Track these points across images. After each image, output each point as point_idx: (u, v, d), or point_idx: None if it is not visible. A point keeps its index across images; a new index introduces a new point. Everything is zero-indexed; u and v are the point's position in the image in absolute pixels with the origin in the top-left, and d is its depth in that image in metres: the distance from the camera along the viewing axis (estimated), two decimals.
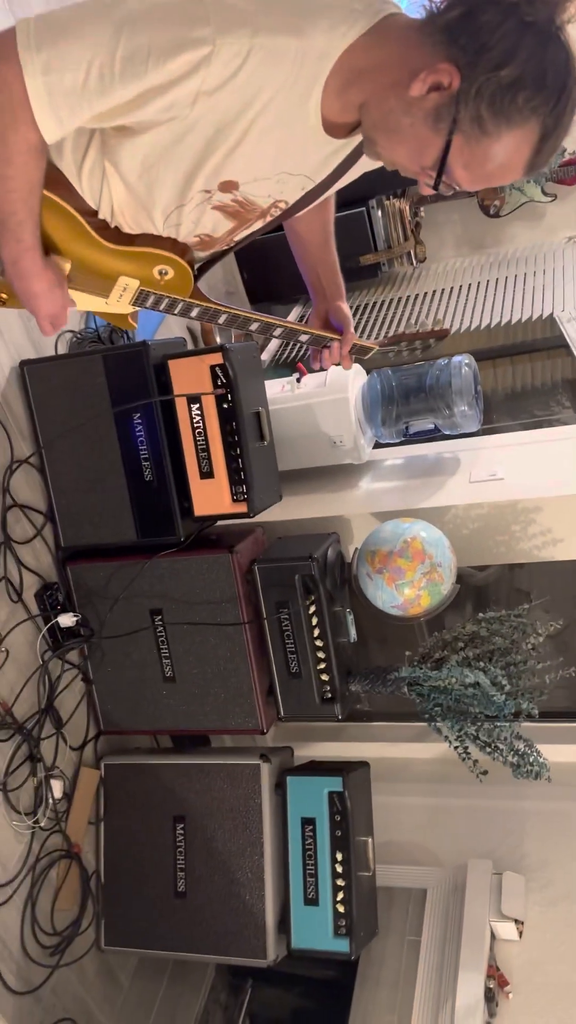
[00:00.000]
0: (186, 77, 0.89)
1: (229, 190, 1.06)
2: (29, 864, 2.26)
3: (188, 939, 2.39)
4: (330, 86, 0.94)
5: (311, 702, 2.36)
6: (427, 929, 2.52)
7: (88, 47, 0.89)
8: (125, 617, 2.45)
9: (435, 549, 2.18)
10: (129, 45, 0.88)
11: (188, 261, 1.20)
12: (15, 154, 0.95)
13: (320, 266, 1.46)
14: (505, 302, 3.58)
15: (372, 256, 3.80)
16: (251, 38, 0.88)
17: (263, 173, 1.05)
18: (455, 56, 0.88)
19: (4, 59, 0.90)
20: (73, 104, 0.92)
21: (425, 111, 0.92)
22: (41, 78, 0.90)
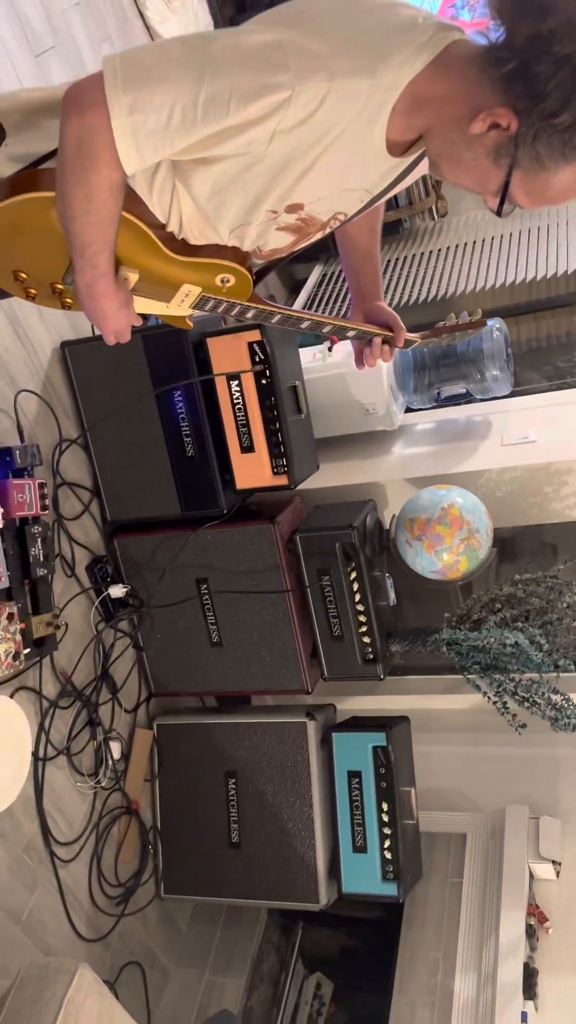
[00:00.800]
0: (265, 119, 0.94)
1: (295, 211, 1.11)
2: (93, 822, 2.40)
3: (244, 886, 2.54)
4: (396, 111, 0.98)
5: (354, 663, 2.46)
6: (468, 871, 2.67)
7: (172, 90, 0.93)
8: (172, 587, 2.55)
9: (472, 515, 2.25)
10: (211, 89, 0.92)
11: (248, 268, 1.25)
12: (96, 192, 1.01)
13: (365, 266, 1.50)
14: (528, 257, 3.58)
15: (393, 212, 3.79)
16: (328, 82, 0.92)
17: (327, 193, 1.10)
18: (512, 101, 0.92)
19: (92, 104, 0.94)
20: (156, 143, 0.97)
21: (486, 147, 0.97)
22: (127, 118, 0.94)
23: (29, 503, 2.10)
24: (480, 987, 2.37)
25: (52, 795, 2.24)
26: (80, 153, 0.97)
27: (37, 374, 2.34)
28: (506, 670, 2.29)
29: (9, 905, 2.06)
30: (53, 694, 2.28)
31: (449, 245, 3.87)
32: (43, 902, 2.18)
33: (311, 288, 3.87)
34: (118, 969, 2.44)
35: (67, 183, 1.01)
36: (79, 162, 0.98)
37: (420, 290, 3.59)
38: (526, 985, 2.28)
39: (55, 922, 2.23)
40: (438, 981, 2.46)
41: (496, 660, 2.27)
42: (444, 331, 1.64)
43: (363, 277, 1.51)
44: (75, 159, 0.98)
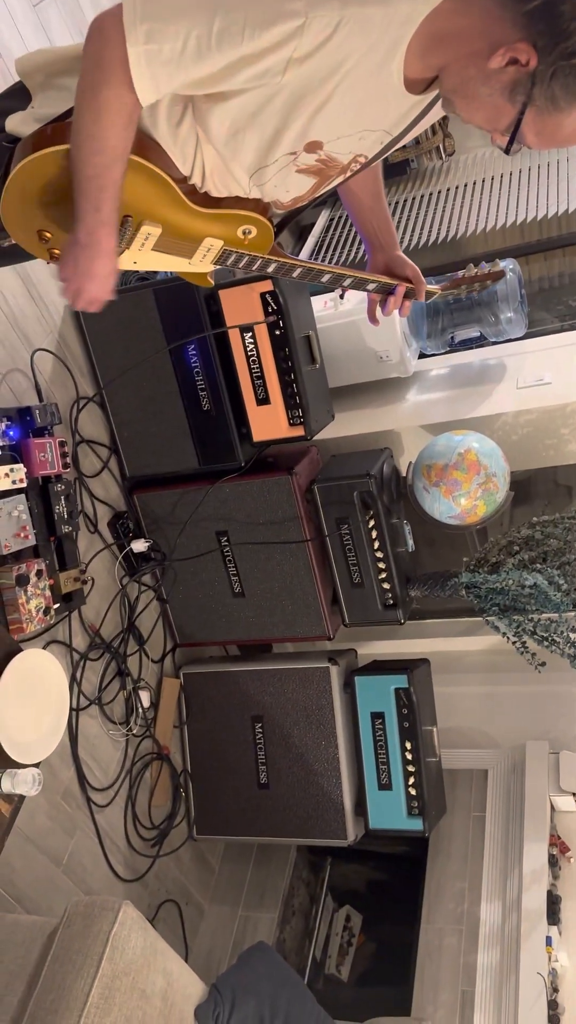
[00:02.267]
0: (279, 47, 0.95)
1: (314, 150, 1.11)
2: (126, 768, 2.48)
3: (274, 825, 2.63)
4: (412, 48, 0.98)
5: (374, 609, 2.51)
6: (490, 805, 2.75)
7: (188, 19, 0.95)
8: (193, 540, 2.58)
9: (489, 460, 2.26)
10: (226, 18, 0.94)
11: (268, 219, 1.25)
12: (105, 111, 1.01)
13: (374, 218, 1.50)
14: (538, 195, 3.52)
15: (400, 152, 3.72)
16: (341, 10, 0.93)
17: (346, 131, 1.09)
18: (533, 37, 0.92)
19: (112, 26, 0.97)
20: (171, 71, 0.99)
21: (502, 83, 0.97)
22: (142, 46, 0.96)
23: (51, 462, 2.13)
24: (505, 914, 2.46)
25: (86, 743, 2.31)
26: (95, 68, 1.00)
27: (51, 332, 2.35)
28: (525, 611, 2.32)
29: (50, 849, 2.15)
30: (83, 647, 2.34)
31: (457, 184, 3.80)
32: (82, 845, 2.27)
33: (318, 234, 3.82)
34: (155, 907, 2.54)
35: (79, 106, 1.02)
36: (93, 79, 1.00)
37: (429, 232, 3.54)
38: (550, 911, 2.37)
39: (94, 864, 2.32)
40: (464, 910, 2.55)
41: (515, 602, 2.31)
42: (463, 282, 1.63)
43: (377, 229, 1.51)
44: (90, 76, 1.00)
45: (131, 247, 1.24)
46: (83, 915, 1.75)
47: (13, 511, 2.00)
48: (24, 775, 1.35)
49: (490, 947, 2.43)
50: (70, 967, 1.68)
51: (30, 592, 2.03)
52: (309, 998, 2.01)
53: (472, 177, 3.84)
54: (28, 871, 2.06)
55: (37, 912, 2.04)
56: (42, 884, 2.10)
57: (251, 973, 2.01)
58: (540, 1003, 2.21)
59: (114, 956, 1.68)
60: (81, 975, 1.65)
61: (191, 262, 1.31)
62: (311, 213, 4.16)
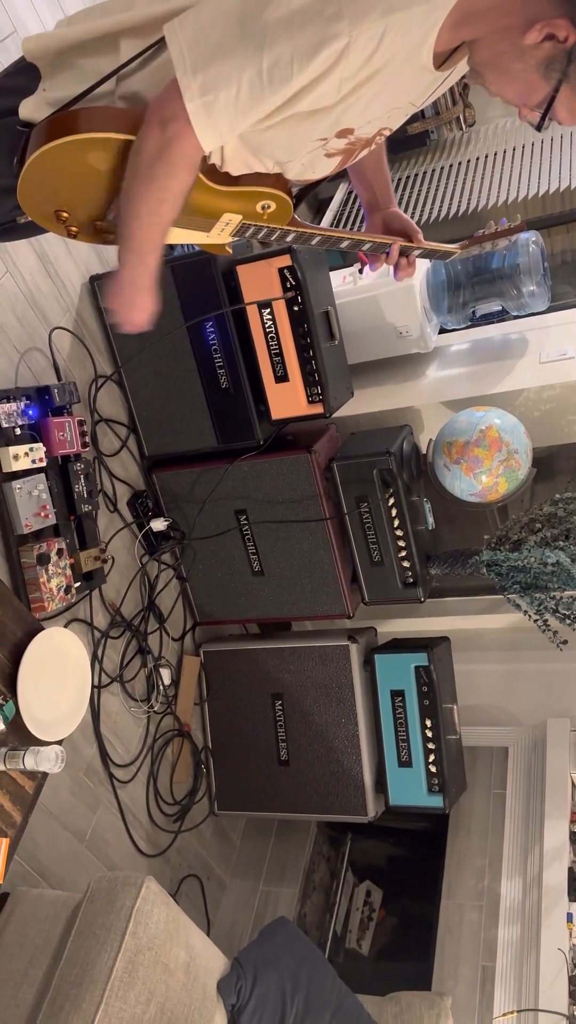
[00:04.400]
0: (328, 72, 0.94)
1: (344, 136, 1.09)
2: (148, 745, 2.49)
3: (295, 801, 2.64)
4: (444, 25, 0.96)
5: (394, 587, 2.49)
6: (511, 782, 2.75)
7: (238, 64, 0.94)
8: (212, 519, 2.58)
9: (511, 436, 2.24)
10: (272, 55, 0.93)
11: (287, 191, 1.23)
12: (171, 197, 1.04)
13: (376, 182, 1.47)
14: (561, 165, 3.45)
15: (420, 124, 3.66)
16: (384, 18, 0.91)
17: (378, 115, 1.08)
18: (571, 13, 0.91)
19: (173, 117, 0.98)
20: (230, 117, 0.99)
21: (537, 59, 0.96)
22: (199, 100, 0.96)
23: (70, 441, 2.13)
24: (526, 890, 2.46)
25: (108, 720, 2.33)
26: (159, 161, 1.01)
27: (69, 310, 2.34)
28: (547, 589, 2.31)
29: (73, 825, 2.17)
30: (104, 625, 2.35)
31: (478, 156, 3.74)
32: (105, 821, 2.29)
33: (336, 207, 3.77)
34: (178, 882, 2.57)
35: (139, 186, 1.04)
36: (157, 170, 1.02)
37: (450, 204, 3.48)
38: (571, 888, 2.37)
39: (117, 839, 2.34)
40: (485, 886, 2.56)
41: (537, 579, 2.29)
42: (484, 239, 1.60)
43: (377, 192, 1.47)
44: (153, 167, 1.02)
45: None
46: (106, 890, 1.77)
47: (33, 490, 2.00)
48: (47, 752, 1.36)
49: (511, 923, 2.44)
50: (94, 941, 1.70)
51: (51, 571, 2.04)
52: (330, 972, 2.03)
53: (493, 148, 3.77)
54: (52, 846, 2.09)
55: (61, 887, 2.06)
56: (65, 859, 2.12)
57: (273, 948, 2.03)
58: (561, 979, 2.22)
59: (137, 931, 1.70)
60: (105, 949, 1.67)
61: (209, 235, 1.29)
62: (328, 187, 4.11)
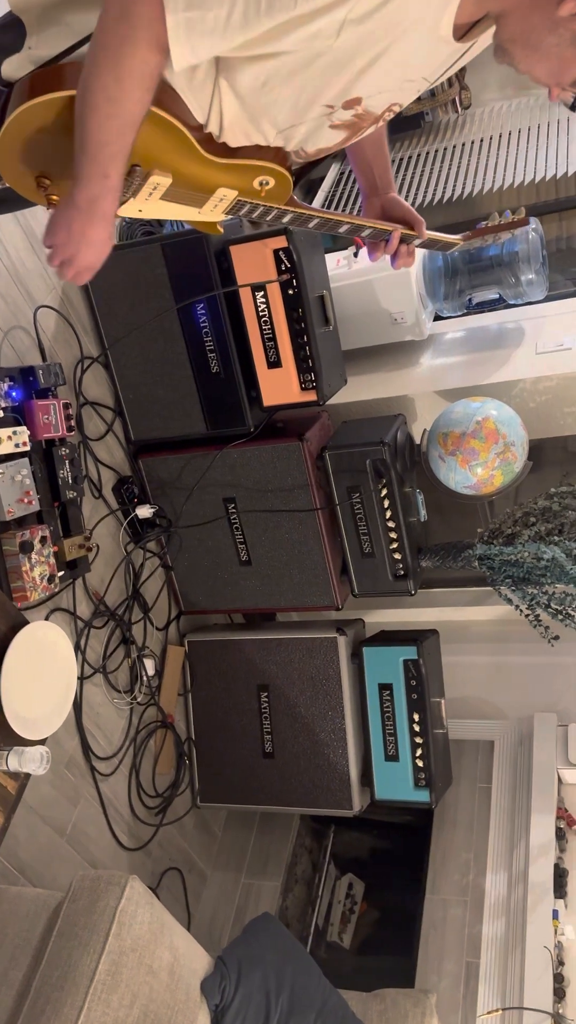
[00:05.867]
0: (333, 7, 0.84)
1: (352, 106, 1.02)
2: (131, 736, 2.44)
3: (279, 794, 2.60)
4: None
5: (384, 579, 2.45)
6: (496, 777, 2.72)
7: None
8: (199, 506, 2.52)
9: (508, 428, 2.19)
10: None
11: (288, 168, 1.16)
12: (127, 76, 0.90)
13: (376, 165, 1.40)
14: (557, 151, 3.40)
15: (415, 105, 3.58)
16: None
17: (389, 86, 1.00)
18: None
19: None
20: (213, 40, 0.88)
21: (573, 33, 0.89)
22: (183, 13, 0.85)
23: (55, 424, 2.05)
24: (511, 886, 2.44)
25: (91, 712, 2.27)
26: (120, 22, 0.87)
27: (54, 288, 2.25)
28: (539, 583, 2.27)
29: (54, 819, 2.12)
30: (87, 615, 2.28)
31: (473, 139, 3.67)
32: (86, 815, 2.24)
33: (328, 188, 3.69)
34: (159, 875, 2.53)
35: (97, 62, 0.91)
36: (117, 34, 0.88)
37: (444, 188, 3.42)
38: (557, 884, 2.36)
39: (98, 833, 2.29)
40: (470, 881, 2.54)
41: (529, 574, 2.25)
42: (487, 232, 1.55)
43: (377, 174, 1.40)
44: (113, 30, 0.88)
45: (137, 197, 1.14)
46: (89, 890, 1.71)
47: (16, 475, 1.93)
48: (32, 753, 1.30)
49: (495, 919, 2.42)
50: (76, 943, 1.65)
51: (34, 559, 1.97)
52: (315, 970, 1.99)
53: (488, 132, 3.71)
54: (32, 842, 2.03)
55: (41, 884, 2.01)
56: (46, 855, 2.07)
57: (256, 945, 1.99)
58: (546, 976, 2.21)
59: (121, 932, 1.65)
60: (87, 951, 1.62)
61: (201, 211, 1.22)
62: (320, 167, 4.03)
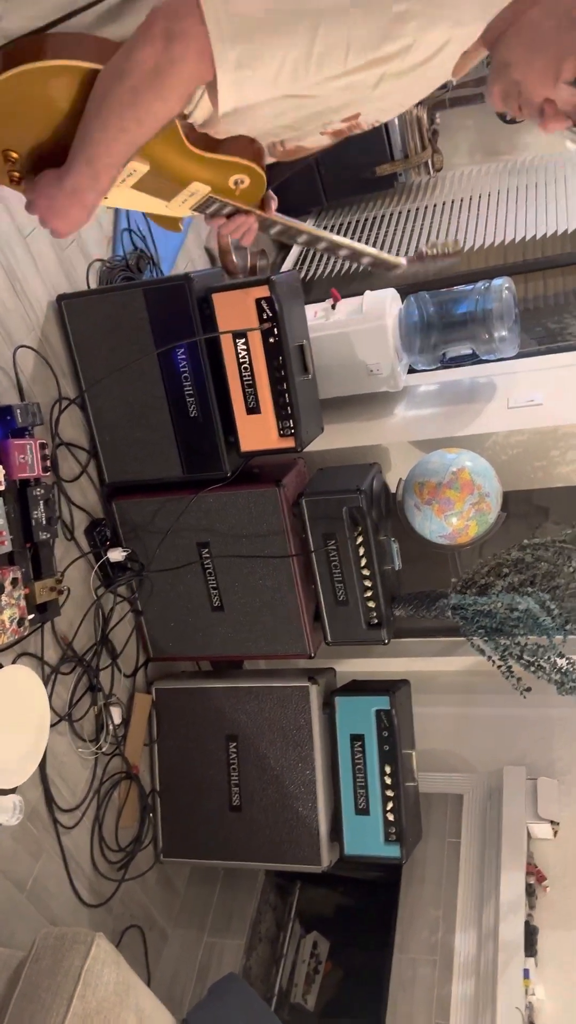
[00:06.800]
0: (376, 64, 0.87)
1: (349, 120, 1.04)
2: (94, 788, 2.36)
3: (245, 849, 2.54)
4: None
5: (358, 628, 2.44)
6: (466, 831, 2.69)
7: (284, 39, 0.85)
8: (172, 551, 2.49)
9: (483, 479, 2.22)
10: (326, 41, 0.85)
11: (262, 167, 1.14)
12: (151, 118, 0.92)
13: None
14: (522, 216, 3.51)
15: (389, 166, 3.69)
16: (451, 30, 0.86)
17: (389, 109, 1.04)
18: None
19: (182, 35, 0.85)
20: (262, 91, 0.91)
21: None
22: (233, 73, 0.88)
23: (31, 464, 2.03)
24: (481, 945, 2.40)
25: (55, 762, 2.20)
26: (153, 80, 0.89)
27: (34, 329, 2.24)
28: (512, 634, 2.28)
29: (15, 873, 2.03)
30: (54, 660, 2.22)
31: (444, 201, 3.79)
32: (47, 869, 2.15)
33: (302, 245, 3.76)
34: (120, 933, 2.43)
35: (119, 99, 0.92)
36: (147, 87, 0.90)
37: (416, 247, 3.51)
38: (528, 943, 2.32)
39: (58, 888, 2.20)
40: (439, 939, 2.49)
41: (502, 624, 2.26)
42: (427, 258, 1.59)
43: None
44: (145, 82, 0.90)
45: None
46: (53, 948, 1.64)
47: None
48: (4, 803, 1.25)
49: (465, 979, 2.37)
50: (39, 1005, 1.57)
51: (4, 602, 1.93)
52: None
53: (459, 194, 3.83)
54: None
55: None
56: (4, 910, 1.98)
57: (223, 1007, 1.93)
58: None
59: (86, 993, 1.57)
60: (51, 1014, 1.54)
61: (169, 205, 1.19)
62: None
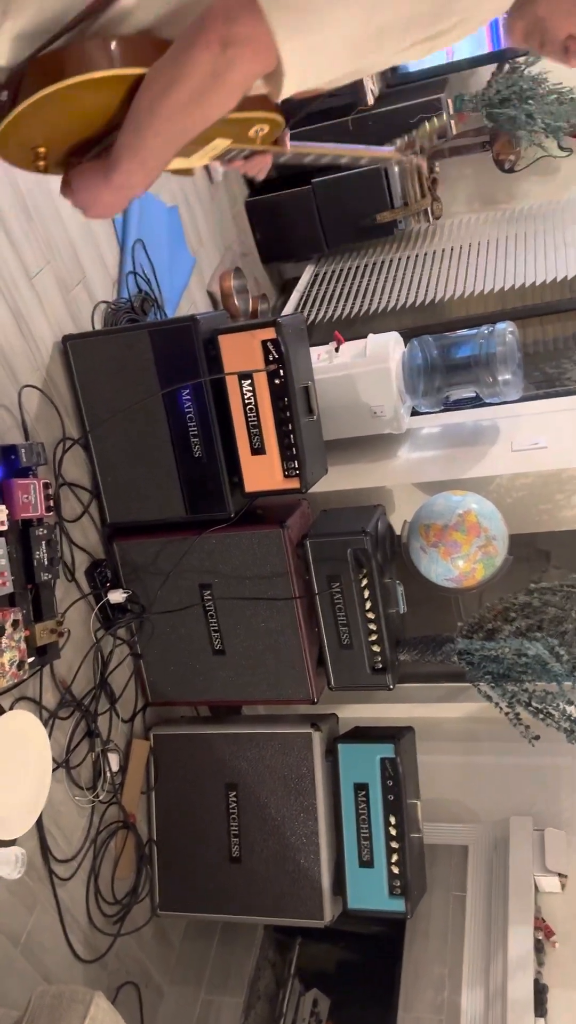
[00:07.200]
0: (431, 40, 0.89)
1: None
2: (91, 837, 2.29)
3: (245, 902, 2.46)
4: None
5: (362, 672, 2.40)
6: (471, 884, 2.62)
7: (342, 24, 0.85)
8: (174, 592, 2.46)
9: (490, 522, 2.20)
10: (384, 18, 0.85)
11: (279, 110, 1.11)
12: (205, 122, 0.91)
13: None
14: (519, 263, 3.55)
15: (389, 213, 3.74)
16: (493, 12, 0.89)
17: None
18: None
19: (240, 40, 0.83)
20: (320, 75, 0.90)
21: None
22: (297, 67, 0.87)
23: (34, 504, 2.00)
24: (488, 1004, 2.32)
25: (51, 810, 2.13)
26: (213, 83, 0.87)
27: (39, 369, 2.24)
28: (519, 680, 2.24)
29: (9, 927, 1.95)
30: (52, 704, 2.17)
31: (443, 248, 3.84)
32: (42, 923, 2.08)
33: (303, 288, 3.80)
34: (115, 990, 2.34)
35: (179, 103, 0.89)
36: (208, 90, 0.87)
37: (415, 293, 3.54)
38: (537, 1001, 2.24)
39: (53, 943, 2.12)
40: (445, 998, 2.40)
41: (510, 670, 2.22)
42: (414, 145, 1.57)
43: None
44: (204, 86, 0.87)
45: None
46: (50, 1008, 1.57)
47: None
48: (6, 855, 1.20)
49: None
50: None
51: (4, 644, 1.88)
52: None
53: (457, 242, 3.88)
54: None
55: None
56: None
57: None
58: None
59: None
60: None
61: (189, 159, 1.16)
62: (294, 268, 4.15)
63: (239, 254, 3.76)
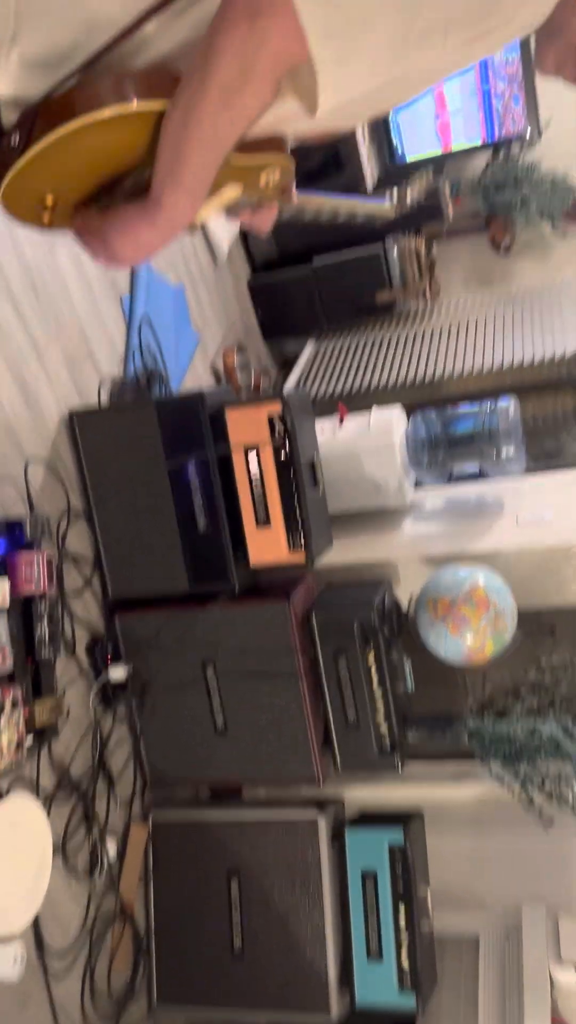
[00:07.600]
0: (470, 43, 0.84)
1: None
2: (87, 929, 2.19)
3: (247, 997, 2.34)
4: None
5: (370, 753, 2.33)
6: (483, 976, 2.49)
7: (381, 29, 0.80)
8: (176, 668, 2.40)
9: (498, 596, 2.17)
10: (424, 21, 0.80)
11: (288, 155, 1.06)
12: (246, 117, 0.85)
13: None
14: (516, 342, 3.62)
15: (388, 294, 3.82)
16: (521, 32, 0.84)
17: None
18: None
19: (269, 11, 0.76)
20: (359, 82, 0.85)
21: None
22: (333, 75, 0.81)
23: (37, 579, 1.97)
24: None
25: (47, 900, 2.02)
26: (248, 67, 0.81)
27: (46, 442, 2.24)
28: (532, 760, 2.18)
29: None
30: (49, 786, 2.10)
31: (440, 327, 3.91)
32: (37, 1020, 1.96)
33: (304, 365, 3.85)
34: None
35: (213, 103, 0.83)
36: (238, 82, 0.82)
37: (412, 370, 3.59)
38: None
39: None
40: None
41: (522, 750, 2.17)
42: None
43: None
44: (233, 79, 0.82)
45: None
46: None
47: None
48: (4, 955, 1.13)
49: None
50: None
51: (2, 724, 1.83)
52: None
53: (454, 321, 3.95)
54: None
55: None
56: None
57: None
58: None
59: None
60: None
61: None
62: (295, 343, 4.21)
63: (242, 331, 3.82)
